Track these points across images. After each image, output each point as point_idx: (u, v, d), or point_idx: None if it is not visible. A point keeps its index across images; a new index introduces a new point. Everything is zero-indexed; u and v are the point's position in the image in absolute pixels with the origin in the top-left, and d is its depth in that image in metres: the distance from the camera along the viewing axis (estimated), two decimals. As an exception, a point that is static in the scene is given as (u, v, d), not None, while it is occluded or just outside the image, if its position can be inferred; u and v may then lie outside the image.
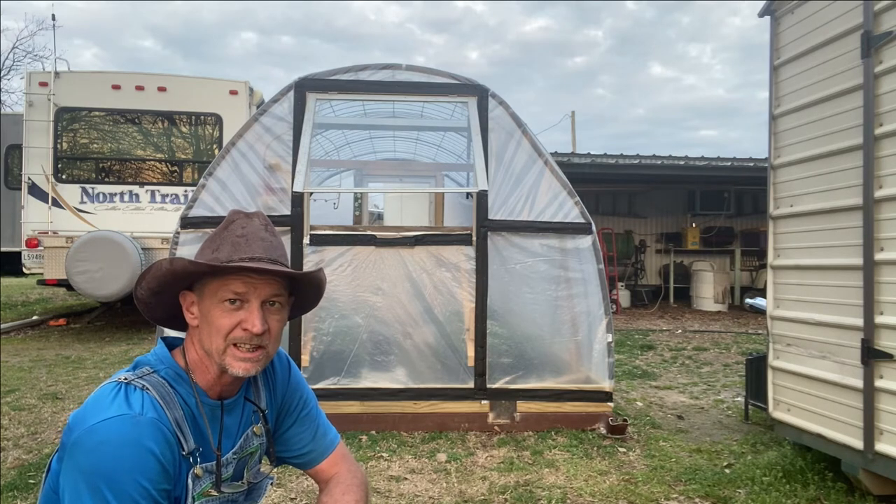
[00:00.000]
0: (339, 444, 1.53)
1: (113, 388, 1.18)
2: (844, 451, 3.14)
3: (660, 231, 14.24)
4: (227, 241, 1.26)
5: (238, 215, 1.30)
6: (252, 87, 8.95)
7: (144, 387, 1.19)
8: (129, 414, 1.13)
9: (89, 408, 1.16)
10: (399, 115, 5.74)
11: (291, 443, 1.48)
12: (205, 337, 1.26)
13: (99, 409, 1.14)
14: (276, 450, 1.45)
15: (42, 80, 8.50)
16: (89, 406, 1.16)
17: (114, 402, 1.15)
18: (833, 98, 3.25)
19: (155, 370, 1.24)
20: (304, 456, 1.49)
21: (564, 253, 4.39)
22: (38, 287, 11.92)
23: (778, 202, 3.69)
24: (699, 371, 6.60)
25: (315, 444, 1.50)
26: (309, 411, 1.51)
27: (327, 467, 1.49)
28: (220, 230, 1.29)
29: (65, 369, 6.26)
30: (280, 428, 1.47)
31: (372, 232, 4.49)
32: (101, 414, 1.13)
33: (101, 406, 1.15)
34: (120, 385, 1.18)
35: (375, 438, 4.06)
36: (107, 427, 1.11)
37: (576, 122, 20.77)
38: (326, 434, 1.52)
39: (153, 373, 1.23)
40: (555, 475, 3.52)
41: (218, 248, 1.26)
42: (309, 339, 4.28)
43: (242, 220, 1.29)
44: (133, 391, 1.18)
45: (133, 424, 1.12)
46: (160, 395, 1.20)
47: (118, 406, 1.14)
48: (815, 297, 3.38)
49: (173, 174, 8.97)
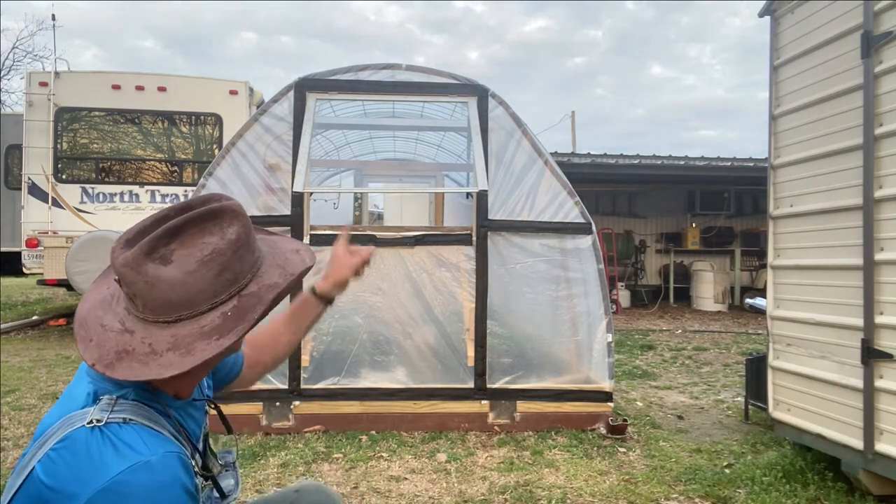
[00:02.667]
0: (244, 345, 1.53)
1: (91, 433, 0.98)
2: (844, 451, 3.14)
3: (660, 231, 14.24)
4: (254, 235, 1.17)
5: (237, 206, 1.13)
6: (252, 87, 8.95)
7: (127, 419, 1.01)
8: (141, 460, 0.96)
9: (81, 465, 0.95)
10: (399, 115, 5.74)
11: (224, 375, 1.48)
12: None
13: (99, 464, 0.95)
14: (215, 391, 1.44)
15: (42, 80, 8.50)
16: (80, 463, 0.96)
17: (113, 451, 0.97)
18: (833, 98, 3.25)
19: (119, 396, 1.05)
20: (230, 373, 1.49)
21: (564, 253, 4.39)
22: (38, 287, 11.91)
23: (778, 202, 3.69)
24: (699, 371, 6.60)
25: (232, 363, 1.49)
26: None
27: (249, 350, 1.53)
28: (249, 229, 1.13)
29: (65, 369, 6.26)
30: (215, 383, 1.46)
31: (372, 232, 4.49)
32: (106, 469, 0.94)
33: (98, 460, 0.95)
34: (98, 428, 0.99)
35: (375, 438, 4.06)
36: (125, 482, 0.93)
37: (576, 122, 20.77)
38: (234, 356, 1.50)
39: (120, 399, 1.04)
40: (555, 475, 3.51)
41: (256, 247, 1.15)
42: (309, 339, 4.28)
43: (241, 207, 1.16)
44: (120, 429, 0.99)
45: (151, 469, 0.96)
46: (146, 419, 1.04)
47: (122, 454, 0.96)
48: (815, 297, 3.38)
49: (173, 174, 8.96)
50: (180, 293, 1.02)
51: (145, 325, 1.04)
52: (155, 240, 1.03)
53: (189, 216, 1.06)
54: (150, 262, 1.01)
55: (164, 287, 1.02)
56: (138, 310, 1.04)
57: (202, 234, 1.05)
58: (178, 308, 1.03)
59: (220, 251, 1.05)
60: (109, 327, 1.05)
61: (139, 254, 1.01)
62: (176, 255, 1.03)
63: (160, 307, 1.03)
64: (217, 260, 1.04)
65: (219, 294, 1.05)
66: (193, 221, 1.05)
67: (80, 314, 1.11)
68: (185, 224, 1.05)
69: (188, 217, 1.06)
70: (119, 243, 1.05)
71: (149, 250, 1.02)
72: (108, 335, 1.04)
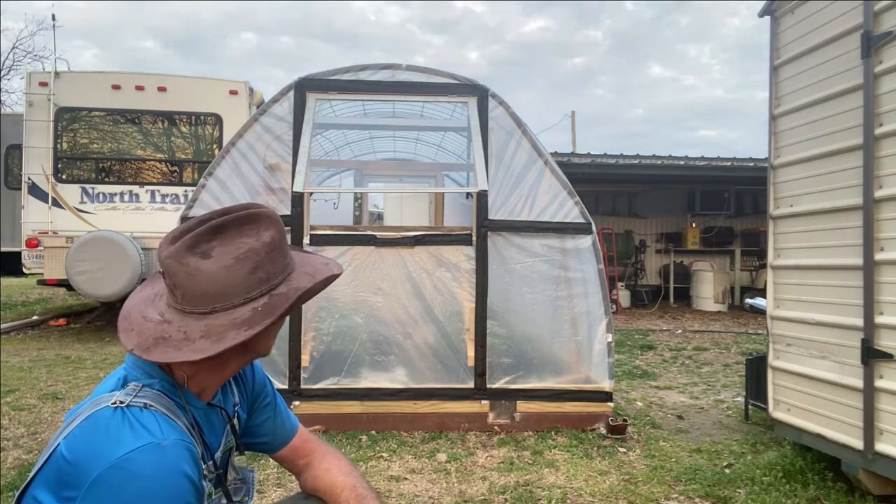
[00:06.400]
0: (301, 426, 1.55)
1: (113, 413, 1.07)
2: (844, 451, 3.14)
3: (660, 231, 14.25)
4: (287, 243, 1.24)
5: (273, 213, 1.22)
6: (252, 87, 8.95)
7: (148, 405, 1.09)
8: (154, 441, 1.03)
9: (99, 441, 1.03)
10: (399, 115, 5.74)
11: (262, 428, 1.49)
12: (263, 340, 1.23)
13: (115, 441, 1.02)
14: (246, 439, 1.45)
15: (42, 80, 8.50)
16: (98, 439, 1.04)
17: (129, 430, 1.04)
18: (833, 98, 3.25)
19: (146, 384, 1.14)
20: (273, 439, 1.50)
21: (564, 253, 4.39)
22: (38, 287, 11.91)
23: (778, 202, 3.69)
24: (699, 371, 6.60)
25: (280, 424, 1.50)
26: (273, 397, 1.52)
27: (300, 443, 1.51)
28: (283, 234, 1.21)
29: (65, 369, 6.26)
30: (251, 418, 1.47)
31: (372, 232, 4.49)
32: (120, 446, 1.01)
33: (114, 437, 1.03)
34: (121, 409, 1.07)
35: (375, 438, 4.06)
36: (134, 460, 1.00)
37: (576, 122, 20.77)
38: (290, 416, 1.54)
39: (145, 387, 1.13)
40: (555, 475, 3.52)
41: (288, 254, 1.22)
42: (309, 339, 4.28)
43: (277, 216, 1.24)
44: (140, 412, 1.07)
45: (161, 452, 1.03)
46: (166, 408, 1.12)
47: (137, 434, 1.04)
48: (815, 297, 3.38)
49: (173, 174, 8.97)
50: (216, 286, 1.12)
51: (182, 316, 1.14)
52: (198, 236, 1.13)
53: (229, 218, 1.16)
54: (192, 255, 1.12)
55: (202, 279, 1.11)
56: (178, 301, 1.14)
57: (240, 235, 1.15)
58: (214, 300, 1.12)
59: (255, 251, 1.14)
60: (150, 318, 1.16)
61: (182, 247, 1.12)
62: (216, 251, 1.13)
63: (197, 298, 1.12)
64: (251, 258, 1.14)
65: (251, 290, 1.14)
66: (233, 223, 1.15)
67: (124, 309, 1.22)
68: (226, 224, 1.15)
69: (228, 219, 1.15)
70: (165, 240, 1.16)
71: (192, 245, 1.12)
72: (148, 325, 1.15)
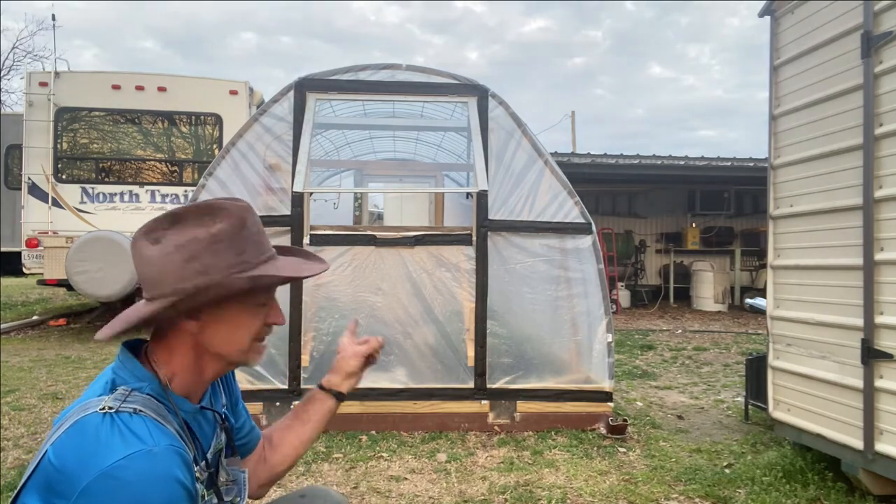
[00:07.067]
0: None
1: (103, 419, 1.03)
2: (844, 451, 3.14)
3: (660, 231, 14.25)
4: (250, 241, 1.17)
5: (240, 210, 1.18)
6: (252, 87, 8.96)
7: (137, 410, 1.06)
8: (145, 448, 1.00)
9: (88, 448, 1.00)
10: (399, 115, 5.74)
11: (243, 430, 1.49)
12: (219, 342, 1.19)
13: (104, 448, 0.99)
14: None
15: (42, 80, 8.51)
16: (88, 446, 1.01)
17: (119, 437, 1.01)
18: (833, 98, 3.25)
19: (135, 388, 1.11)
20: (249, 441, 1.51)
21: (564, 253, 4.39)
22: (38, 287, 11.91)
23: (778, 202, 3.69)
24: (699, 371, 6.60)
25: (252, 425, 1.53)
26: (241, 401, 1.53)
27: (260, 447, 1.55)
28: (237, 230, 1.15)
29: (65, 369, 6.26)
30: (235, 419, 1.46)
31: (372, 232, 4.49)
32: (110, 454, 0.99)
33: (104, 444, 1.00)
34: (110, 415, 1.04)
35: (375, 438, 4.06)
36: (125, 468, 0.98)
37: (576, 121, 20.77)
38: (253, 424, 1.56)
39: (134, 391, 1.10)
40: (555, 475, 3.52)
41: (244, 251, 1.15)
42: (309, 339, 4.28)
43: (249, 214, 1.18)
44: (130, 418, 1.04)
45: (153, 459, 1.00)
46: (155, 413, 1.09)
47: (127, 441, 1.01)
48: (815, 297, 3.38)
49: (173, 174, 8.97)
50: (154, 271, 1.11)
51: (145, 302, 1.15)
52: (156, 222, 1.12)
53: (189, 207, 1.14)
54: (146, 240, 1.12)
55: (145, 264, 1.12)
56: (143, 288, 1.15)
57: (195, 226, 1.12)
58: (153, 286, 1.12)
59: (197, 240, 1.11)
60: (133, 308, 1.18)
61: (140, 233, 1.13)
62: (166, 238, 1.11)
63: (145, 283, 1.13)
64: (189, 247, 1.10)
65: (184, 280, 1.10)
66: (194, 213, 1.13)
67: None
68: (185, 214, 1.13)
69: (190, 207, 1.14)
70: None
71: (148, 230, 1.12)
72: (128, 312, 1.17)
